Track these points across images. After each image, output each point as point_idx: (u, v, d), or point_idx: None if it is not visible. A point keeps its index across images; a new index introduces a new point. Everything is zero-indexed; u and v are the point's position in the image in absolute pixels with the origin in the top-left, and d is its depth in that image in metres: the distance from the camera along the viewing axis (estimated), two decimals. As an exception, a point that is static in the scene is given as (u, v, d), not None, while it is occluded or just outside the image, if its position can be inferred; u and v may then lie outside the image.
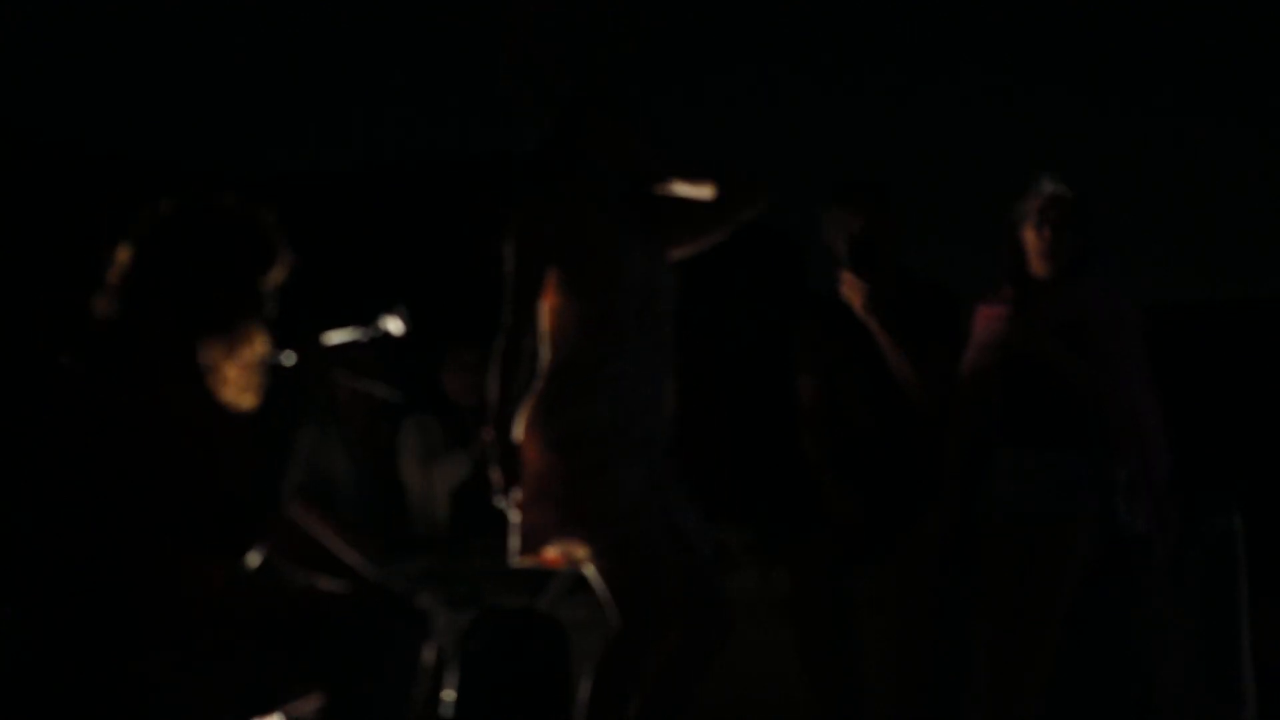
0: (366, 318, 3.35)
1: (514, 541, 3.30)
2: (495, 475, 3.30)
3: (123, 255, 2.76)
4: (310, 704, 2.70)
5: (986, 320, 4.12)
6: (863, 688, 4.22)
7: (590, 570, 3.27)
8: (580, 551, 3.27)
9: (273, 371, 2.86)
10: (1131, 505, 3.97)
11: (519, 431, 3.31)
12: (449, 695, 2.89)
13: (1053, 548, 3.91)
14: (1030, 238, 4.07)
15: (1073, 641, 3.97)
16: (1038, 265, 4.06)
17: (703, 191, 3.38)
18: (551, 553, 3.30)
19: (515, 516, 3.30)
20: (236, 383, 2.76)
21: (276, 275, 2.83)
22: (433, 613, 4.24)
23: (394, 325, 3.36)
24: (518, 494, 3.28)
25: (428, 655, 2.82)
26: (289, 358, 2.90)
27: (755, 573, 4.82)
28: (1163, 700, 4.11)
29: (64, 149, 7.30)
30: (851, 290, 4.23)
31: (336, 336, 3.25)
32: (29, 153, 7.18)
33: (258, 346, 2.80)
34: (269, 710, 2.70)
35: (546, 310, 3.37)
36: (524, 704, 4.20)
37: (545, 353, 3.36)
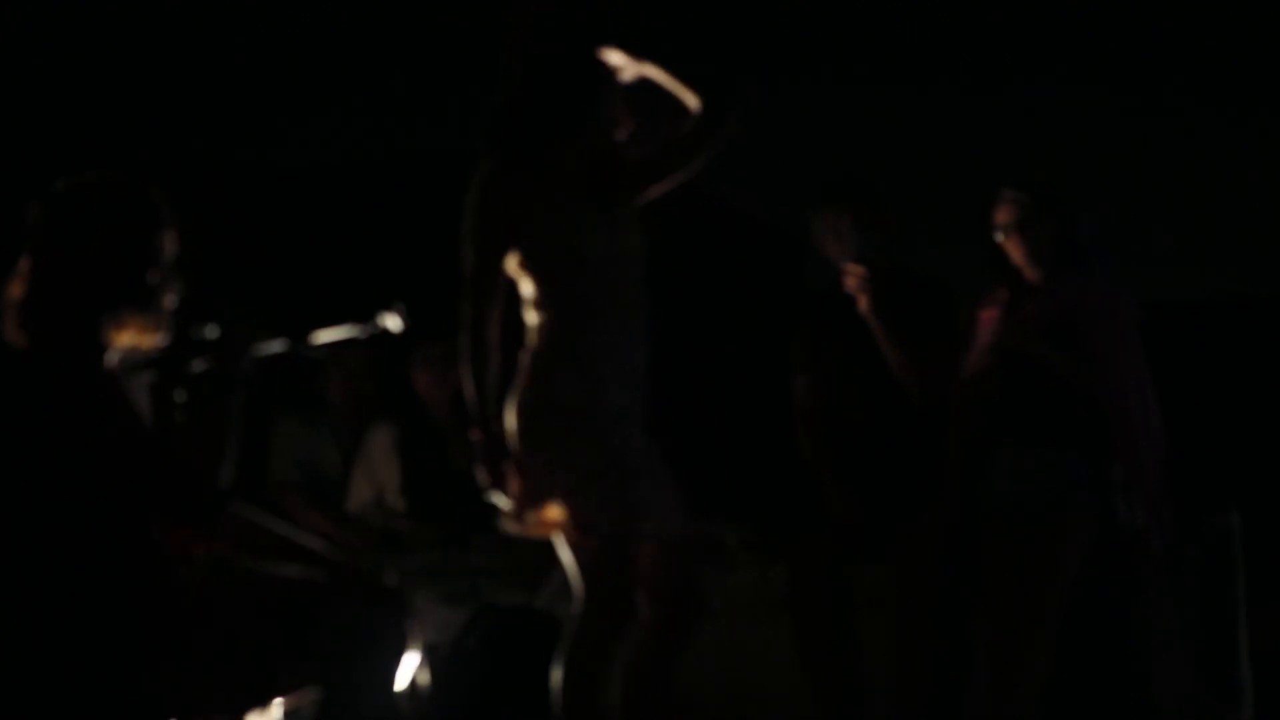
0: (365, 315, 3.35)
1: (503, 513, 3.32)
2: (481, 473, 3.29)
3: (25, 237, 2.77)
4: (304, 695, 2.71)
5: (985, 324, 4.14)
6: (862, 687, 4.22)
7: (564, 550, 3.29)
8: (558, 517, 3.26)
9: (201, 348, 2.88)
10: (1130, 503, 3.97)
11: (508, 420, 3.31)
12: (423, 678, 2.89)
13: (1051, 546, 3.91)
14: (1007, 246, 4.10)
15: (1071, 640, 3.97)
16: (1024, 269, 4.09)
17: (687, 96, 3.35)
18: (533, 522, 3.29)
19: (503, 494, 3.29)
20: (137, 326, 2.78)
21: (169, 244, 2.84)
22: (423, 605, 4.24)
23: (392, 323, 3.36)
24: (503, 492, 3.27)
25: (412, 633, 2.83)
26: (200, 365, 2.90)
27: (754, 571, 4.81)
28: (1161, 699, 4.11)
29: (66, 147, 7.30)
30: (856, 284, 4.22)
31: (335, 333, 3.25)
32: (30, 150, 7.19)
33: (159, 312, 2.81)
34: (263, 702, 2.71)
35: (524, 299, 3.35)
36: (520, 702, 4.20)
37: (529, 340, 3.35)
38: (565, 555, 3.30)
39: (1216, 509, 4.29)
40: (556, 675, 3.27)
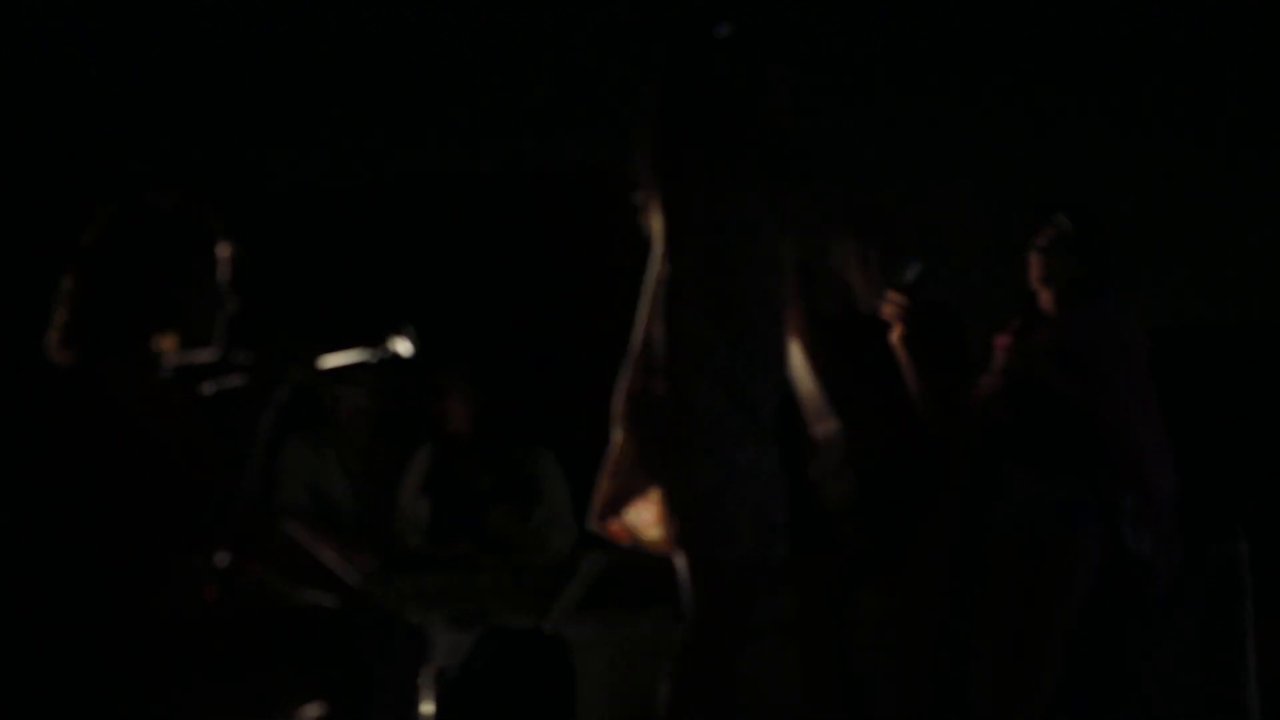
0: (375, 338, 3.36)
1: (595, 507, 3.24)
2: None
3: (74, 258, 2.79)
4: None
5: (1001, 348, 4.17)
6: (867, 708, 4.22)
7: (678, 561, 3.19)
8: (653, 532, 3.18)
9: (233, 369, 2.89)
10: (1137, 532, 3.97)
11: (617, 405, 3.22)
12: (427, 709, 2.88)
13: (1058, 570, 3.92)
14: (1030, 266, 4.13)
15: (1075, 665, 3.97)
16: (1041, 293, 4.13)
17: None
18: (619, 528, 3.22)
19: (602, 483, 3.23)
20: (187, 349, 2.79)
21: (222, 265, 2.85)
22: (427, 629, 4.23)
23: (403, 346, 3.36)
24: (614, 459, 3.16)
25: (426, 672, 2.82)
26: (235, 380, 2.91)
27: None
28: (1166, 725, 4.11)
29: (72, 160, 7.33)
30: (896, 312, 4.20)
31: (344, 357, 3.26)
32: (35, 163, 7.23)
33: (204, 332, 2.82)
34: None
35: (657, 283, 3.26)
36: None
37: (655, 328, 3.24)
38: (680, 567, 3.19)
39: (1223, 535, 4.29)
40: (664, 688, 3.15)
